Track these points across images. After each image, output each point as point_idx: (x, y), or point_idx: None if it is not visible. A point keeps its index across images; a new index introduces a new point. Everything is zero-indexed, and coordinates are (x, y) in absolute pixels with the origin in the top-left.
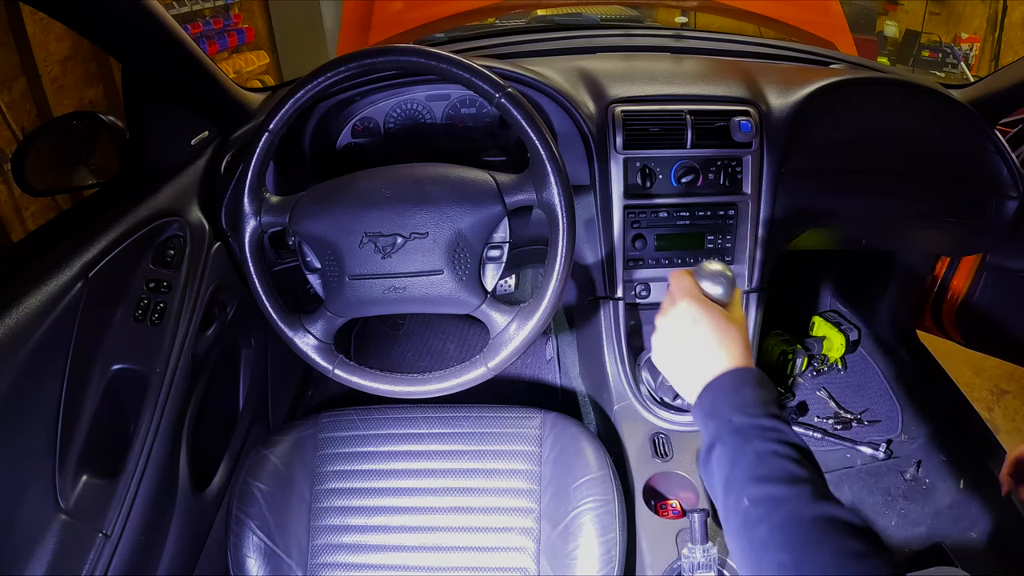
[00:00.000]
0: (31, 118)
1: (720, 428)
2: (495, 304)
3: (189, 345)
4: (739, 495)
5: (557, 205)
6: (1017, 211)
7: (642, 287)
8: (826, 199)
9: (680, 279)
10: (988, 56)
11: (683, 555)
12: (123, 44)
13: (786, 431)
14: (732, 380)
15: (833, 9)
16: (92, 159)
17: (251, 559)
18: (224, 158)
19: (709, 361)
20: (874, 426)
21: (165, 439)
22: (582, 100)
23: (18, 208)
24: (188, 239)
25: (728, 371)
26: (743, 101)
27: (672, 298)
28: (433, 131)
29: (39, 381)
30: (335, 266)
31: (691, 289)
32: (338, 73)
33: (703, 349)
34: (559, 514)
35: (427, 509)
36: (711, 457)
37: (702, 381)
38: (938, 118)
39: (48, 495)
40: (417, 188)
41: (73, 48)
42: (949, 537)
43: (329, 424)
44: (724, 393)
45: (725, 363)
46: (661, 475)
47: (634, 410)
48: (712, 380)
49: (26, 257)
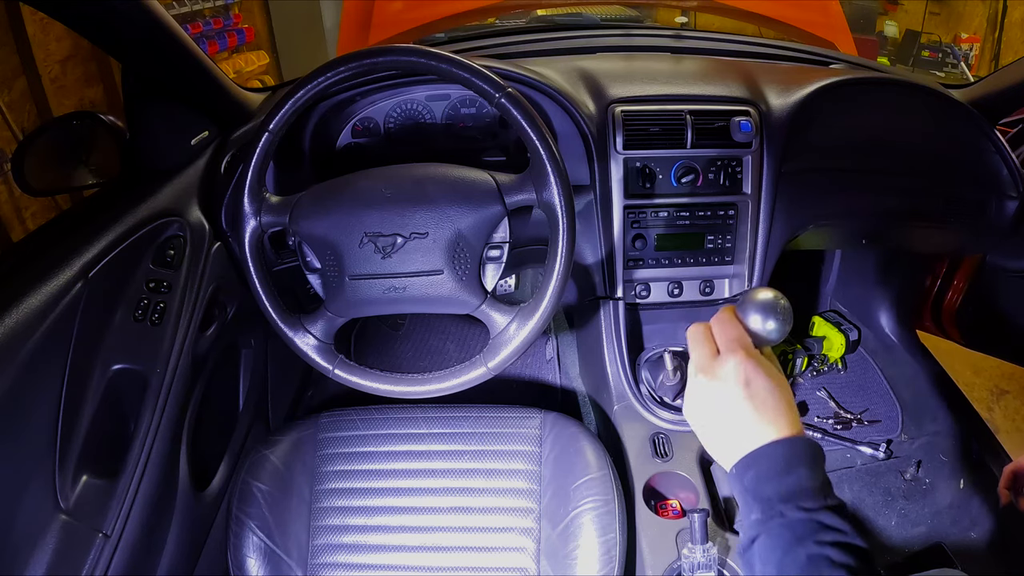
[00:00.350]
0: (31, 118)
1: (768, 517)
2: (495, 304)
3: (189, 345)
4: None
5: (557, 205)
6: (1017, 211)
7: (642, 287)
8: (826, 199)
9: (727, 327)
10: (988, 56)
11: (683, 555)
12: (123, 44)
13: (846, 531)
14: (782, 456)
15: (833, 9)
16: (92, 159)
17: (251, 559)
18: (224, 158)
19: (756, 430)
20: (874, 426)
21: (165, 439)
22: (582, 100)
23: (18, 208)
24: (188, 239)
25: (775, 442)
26: (743, 101)
27: (715, 351)
28: (433, 131)
29: (39, 381)
30: (335, 266)
31: (741, 339)
32: (338, 73)
33: (751, 416)
34: (559, 514)
35: (427, 509)
36: (753, 550)
37: (743, 449)
38: (938, 118)
39: (48, 495)
40: (417, 188)
41: (73, 48)
42: (949, 537)
43: (329, 424)
44: (773, 472)
45: (773, 432)
46: (661, 475)
47: (634, 410)
48: (756, 450)
49: (26, 257)
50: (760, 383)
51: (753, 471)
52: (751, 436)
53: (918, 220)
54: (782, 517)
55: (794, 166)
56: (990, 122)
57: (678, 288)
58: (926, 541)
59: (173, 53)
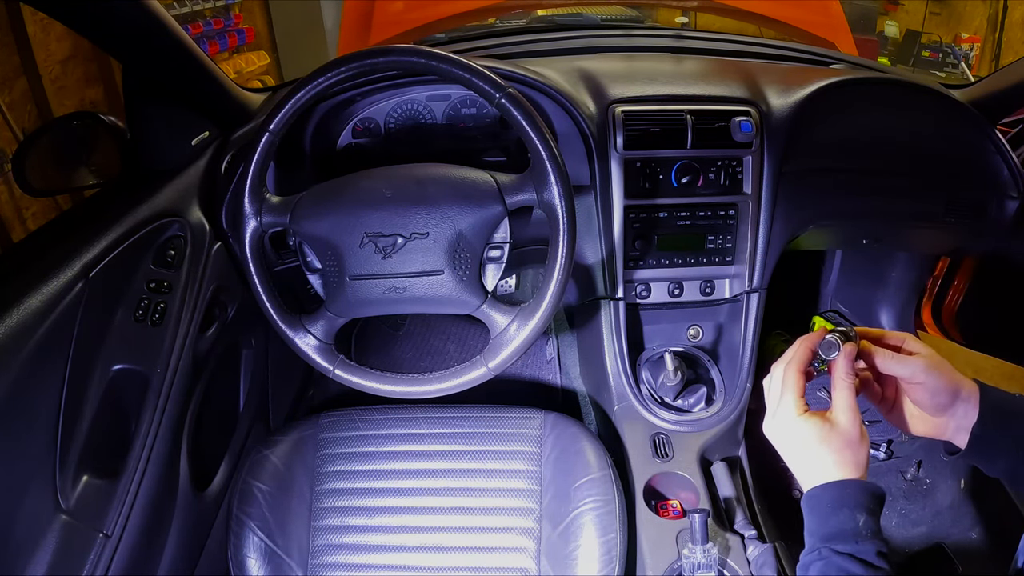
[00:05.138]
0: (32, 118)
1: (812, 557)
2: (496, 304)
3: (190, 345)
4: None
5: (558, 205)
6: (1017, 211)
7: (642, 287)
8: (826, 199)
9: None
10: (988, 56)
11: (683, 555)
12: (124, 44)
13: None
14: (831, 498)
15: (833, 9)
16: (92, 159)
17: (251, 559)
18: (225, 158)
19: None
20: (874, 426)
21: (165, 439)
22: (582, 100)
23: (18, 208)
24: (189, 239)
25: (829, 484)
26: (743, 101)
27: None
28: (434, 131)
29: (40, 381)
30: (336, 266)
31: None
32: (339, 73)
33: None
34: (559, 514)
35: (428, 509)
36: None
37: (808, 484)
38: (939, 118)
39: (48, 495)
40: (418, 188)
41: (74, 48)
42: (949, 537)
43: (330, 424)
44: (821, 513)
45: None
46: (661, 475)
47: (635, 410)
48: (812, 490)
49: (26, 257)
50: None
51: (807, 508)
52: (816, 474)
53: (918, 220)
54: (820, 557)
55: (795, 166)
56: (990, 122)
57: (678, 288)
58: (926, 541)
59: (173, 53)
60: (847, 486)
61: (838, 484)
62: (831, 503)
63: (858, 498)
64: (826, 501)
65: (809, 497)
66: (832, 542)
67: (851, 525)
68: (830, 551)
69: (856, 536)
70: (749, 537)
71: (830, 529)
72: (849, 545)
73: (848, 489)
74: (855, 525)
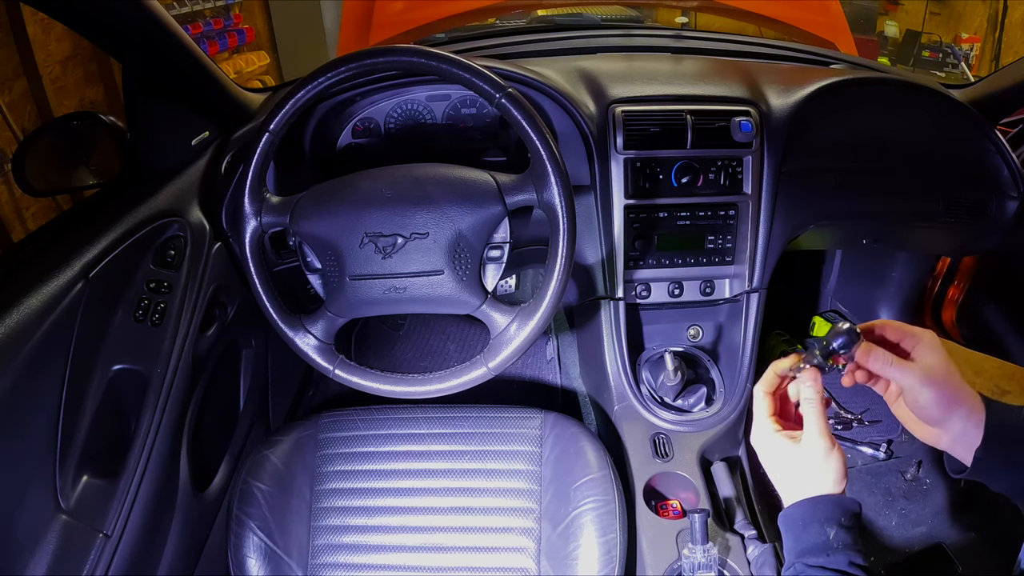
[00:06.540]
0: (31, 118)
1: (789, 571)
2: (495, 304)
3: (190, 345)
4: None
5: (558, 205)
6: (1017, 211)
7: (642, 287)
8: (827, 199)
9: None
10: (988, 56)
11: (683, 555)
12: (123, 45)
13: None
14: (802, 515)
15: (833, 9)
16: (92, 159)
17: (251, 559)
18: (224, 158)
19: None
20: (874, 426)
21: (165, 439)
22: (582, 100)
23: (18, 208)
24: (189, 239)
25: (803, 501)
26: (743, 101)
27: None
28: (433, 131)
29: (40, 381)
30: (336, 266)
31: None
32: (339, 73)
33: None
34: (559, 514)
35: (428, 509)
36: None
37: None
38: (938, 118)
39: (48, 495)
40: (418, 188)
41: (74, 48)
42: (949, 537)
43: (330, 424)
44: (794, 528)
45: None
46: (661, 475)
47: (634, 410)
48: (788, 508)
49: (26, 257)
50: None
51: (783, 528)
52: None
53: (919, 220)
54: (795, 572)
55: (794, 166)
56: (990, 122)
57: (678, 288)
58: (926, 541)
59: (173, 53)
60: (817, 502)
61: (808, 501)
62: (802, 520)
63: (828, 512)
64: (797, 518)
65: (783, 517)
66: (805, 557)
67: (822, 539)
68: (803, 565)
69: (827, 549)
70: (749, 537)
71: (803, 545)
72: (820, 558)
73: (819, 505)
74: (826, 539)
